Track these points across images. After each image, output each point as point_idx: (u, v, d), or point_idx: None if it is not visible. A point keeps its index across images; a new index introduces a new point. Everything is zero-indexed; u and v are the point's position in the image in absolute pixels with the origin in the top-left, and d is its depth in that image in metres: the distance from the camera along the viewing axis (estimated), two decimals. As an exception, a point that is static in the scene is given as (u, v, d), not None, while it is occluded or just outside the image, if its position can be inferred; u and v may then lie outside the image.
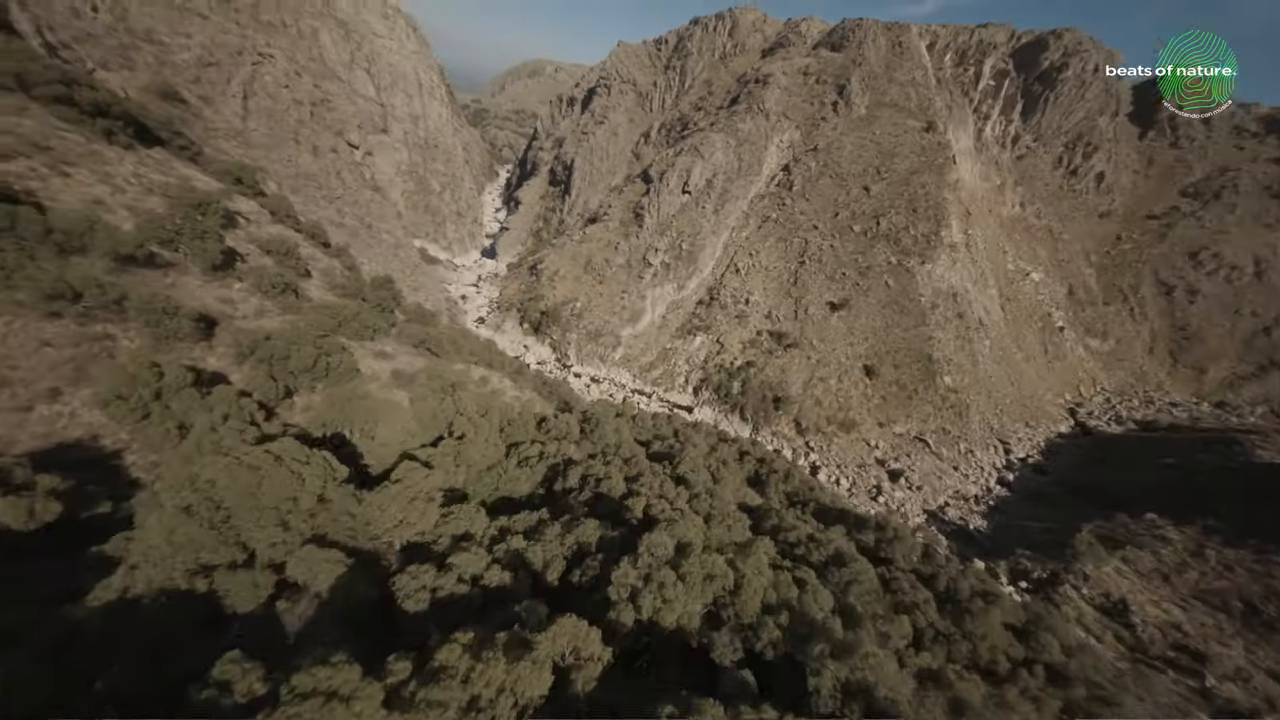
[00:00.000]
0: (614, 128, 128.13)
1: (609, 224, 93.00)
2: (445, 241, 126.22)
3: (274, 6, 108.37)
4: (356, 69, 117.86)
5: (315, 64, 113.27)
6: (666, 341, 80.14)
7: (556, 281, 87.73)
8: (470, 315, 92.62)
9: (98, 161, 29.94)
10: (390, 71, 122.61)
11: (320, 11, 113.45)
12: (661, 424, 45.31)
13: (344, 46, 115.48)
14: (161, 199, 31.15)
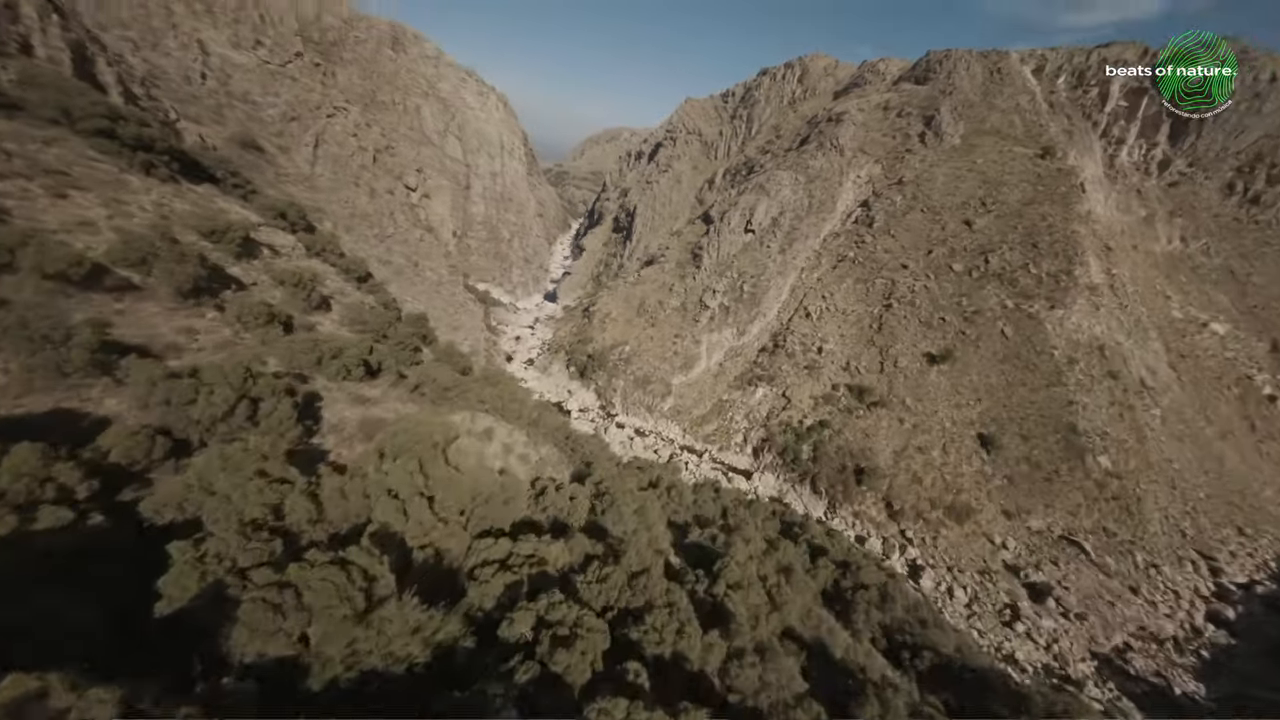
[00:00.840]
0: (678, 175, 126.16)
1: (665, 265, 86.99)
2: (510, 285, 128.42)
3: (389, 89, 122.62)
4: (449, 135, 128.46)
5: (414, 132, 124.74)
6: (723, 392, 69.63)
7: (607, 324, 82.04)
8: (521, 356, 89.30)
9: (117, 189, 28.69)
10: (477, 136, 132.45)
11: (426, 92, 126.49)
12: (707, 500, 34.61)
13: (441, 118, 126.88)
14: (165, 224, 29.03)
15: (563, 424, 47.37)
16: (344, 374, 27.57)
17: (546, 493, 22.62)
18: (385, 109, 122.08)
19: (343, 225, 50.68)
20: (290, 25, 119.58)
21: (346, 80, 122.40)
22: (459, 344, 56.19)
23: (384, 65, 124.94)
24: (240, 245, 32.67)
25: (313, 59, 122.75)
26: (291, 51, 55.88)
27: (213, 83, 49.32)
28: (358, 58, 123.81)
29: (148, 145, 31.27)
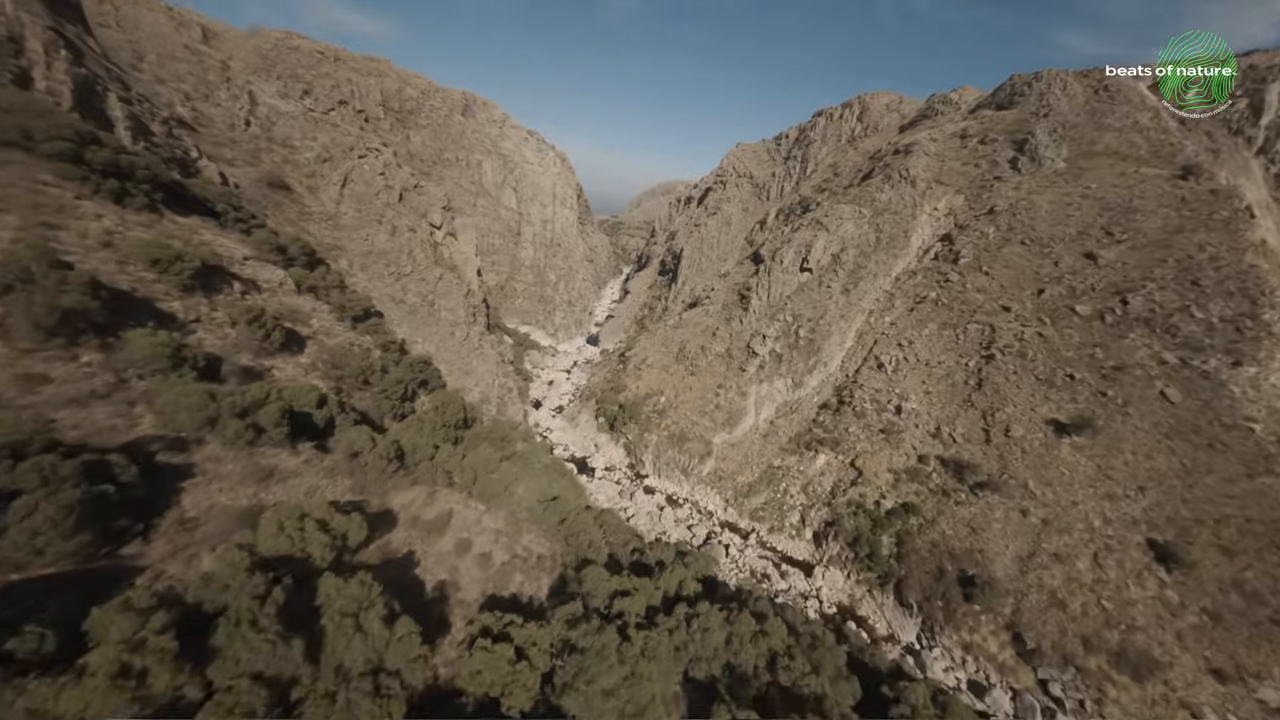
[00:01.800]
0: (727, 218, 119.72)
1: (709, 307, 77.99)
2: (553, 328, 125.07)
3: (454, 148, 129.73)
4: (506, 188, 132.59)
5: (474, 185, 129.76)
6: (774, 457, 57.19)
7: (642, 370, 73.36)
8: (551, 402, 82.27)
9: (55, 212, 25.12)
10: (532, 188, 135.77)
11: (489, 150, 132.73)
12: (744, 637, 23.11)
13: (500, 172, 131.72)
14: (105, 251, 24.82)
15: (573, 495, 37.75)
16: (248, 437, 20.31)
17: (478, 651, 13.19)
18: (450, 165, 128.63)
19: (359, 263, 47.45)
20: (375, 98, 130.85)
21: (419, 142, 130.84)
22: (468, 390, 49.59)
23: (453, 128, 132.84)
24: (192, 278, 28.24)
25: (389, 121, 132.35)
26: (335, 100, 57.11)
27: (256, 129, 49.72)
28: (431, 122, 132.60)
29: (124, 173, 28.54)
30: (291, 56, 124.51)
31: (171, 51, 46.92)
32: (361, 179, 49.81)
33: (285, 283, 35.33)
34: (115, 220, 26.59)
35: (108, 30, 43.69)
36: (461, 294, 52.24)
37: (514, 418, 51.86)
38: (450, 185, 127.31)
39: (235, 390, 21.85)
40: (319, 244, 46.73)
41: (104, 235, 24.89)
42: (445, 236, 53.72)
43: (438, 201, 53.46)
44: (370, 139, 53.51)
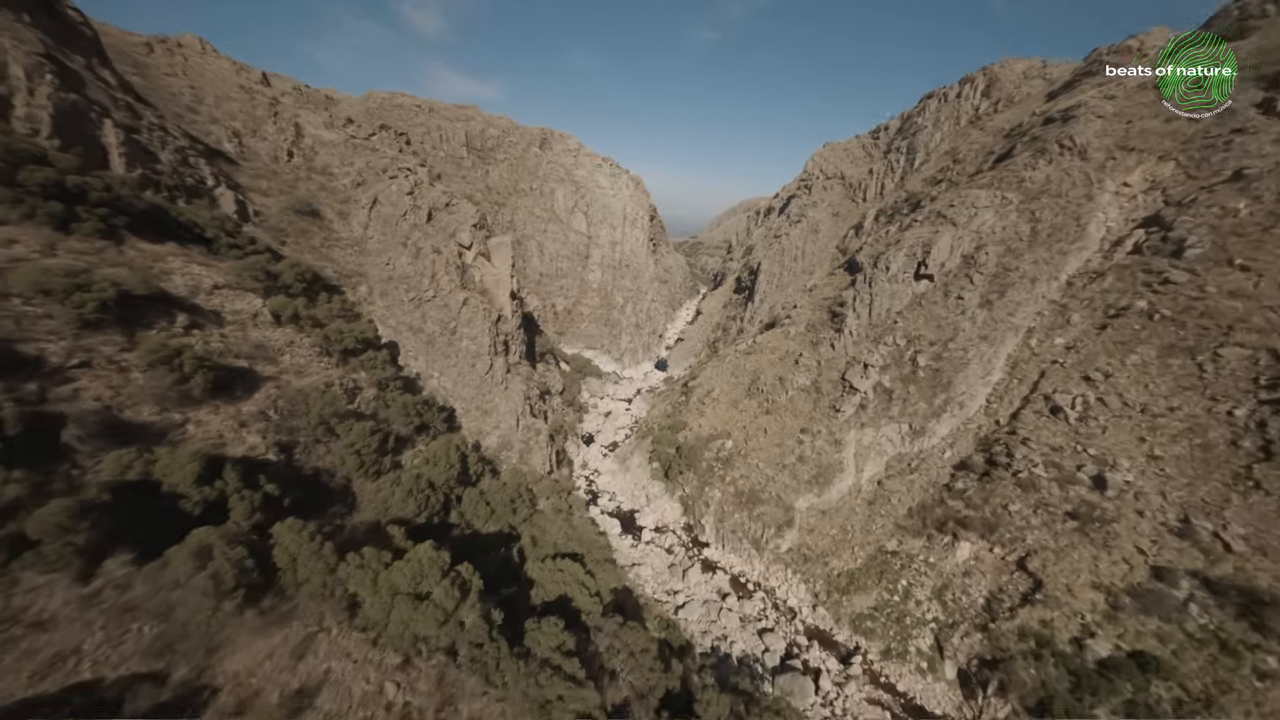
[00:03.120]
0: (813, 225, 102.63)
1: (790, 329, 62.71)
2: (618, 352, 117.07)
3: (529, 179, 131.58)
4: (576, 212, 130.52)
5: (546, 211, 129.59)
6: (886, 536, 40.19)
7: (706, 405, 60.27)
8: (605, 438, 72.35)
9: None
10: (602, 211, 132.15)
11: (562, 178, 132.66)
12: None
13: (572, 198, 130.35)
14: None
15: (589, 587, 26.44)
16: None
17: None
18: (524, 195, 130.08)
19: (378, 289, 42.69)
20: (460, 140, 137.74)
21: (497, 176, 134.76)
22: (486, 434, 41.31)
23: (529, 161, 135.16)
24: (99, 311, 23.15)
25: (471, 160, 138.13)
26: (376, 125, 55.96)
27: (298, 159, 48.67)
28: (509, 157, 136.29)
29: (72, 196, 25.10)
30: (395, 112, 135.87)
31: (228, 93, 47.88)
32: (389, 200, 45.73)
33: (260, 314, 29.89)
34: (29, 246, 22.37)
35: (174, 78, 45.60)
36: (488, 321, 44.99)
37: (537, 466, 42.53)
38: (524, 213, 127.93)
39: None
40: (340, 270, 42.70)
41: (40, 268, 20.28)
42: (476, 257, 47.44)
43: (468, 219, 47.60)
44: (406, 159, 50.42)
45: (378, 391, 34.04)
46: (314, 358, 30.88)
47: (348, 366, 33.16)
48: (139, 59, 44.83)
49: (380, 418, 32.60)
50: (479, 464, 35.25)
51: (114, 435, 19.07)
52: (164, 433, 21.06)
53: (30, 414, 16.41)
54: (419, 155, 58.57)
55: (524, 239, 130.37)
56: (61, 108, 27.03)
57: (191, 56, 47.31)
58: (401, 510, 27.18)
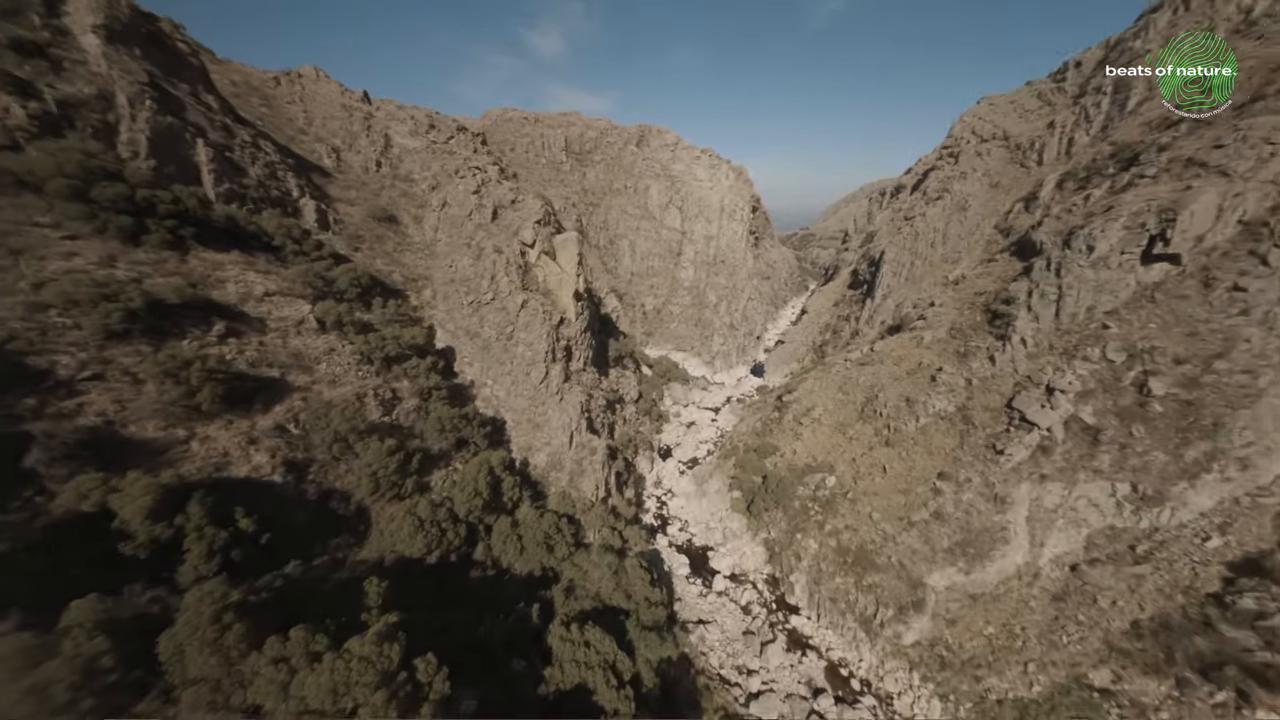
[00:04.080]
0: (960, 200, 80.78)
1: (925, 333, 47.61)
2: (709, 355, 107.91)
3: (624, 178, 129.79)
4: (671, 208, 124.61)
5: (640, 209, 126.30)
6: (1089, 662, 25.74)
7: (804, 426, 48.70)
8: (684, 452, 64.60)
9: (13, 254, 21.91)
10: (697, 204, 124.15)
11: (658, 174, 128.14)
12: None
13: (666, 193, 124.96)
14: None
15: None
16: None
17: None
18: (619, 194, 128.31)
19: (441, 293, 41.28)
20: (559, 145, 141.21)
21: (593, 177, 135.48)
22: (535, 450, 36.92)
23: (625, 159, 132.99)
24: (126, 320, 22.79)
25: (570, 164, 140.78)
26: (453, 127, 55.94)
27: (386, 169, 50.29)
28: (605, 158, 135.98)
29: (142, 209, 26.15)
30: (506, 126, 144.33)
31: (332, 113, 51.46)
32: (456, 201, 44.30)
33: (306, 320, 28.98)
34: (94, 257, 23.06)
35: (292, 104, 50.34)
36: (548, 324, 40.79)
37: (588, 492, 36.87)
38: (617, 212, 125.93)
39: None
40: (408, 274, 42.23)
41: (41, 276, 20.72)
42: (539, 256, 43.72)
43: (531, 215, 44.04)
44: (479, 158, 49.11)
45: (419, 402, 31.53)
46: (352, 366, 29.22)
47: (389, 375, 31.18)
48: (268, 91, 50.57)
49: (414, 432, 29.88)
50: (515, 488, 30.76)
51: (103, 455, 17.67)
52: (164, 450, 19.60)
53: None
54: (493, 154, 57.96)
55: (616, 239, 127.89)
56: (158, 130, 29.16)
57: (308, 84, 52.44)
58: (408, 548, 23.42)
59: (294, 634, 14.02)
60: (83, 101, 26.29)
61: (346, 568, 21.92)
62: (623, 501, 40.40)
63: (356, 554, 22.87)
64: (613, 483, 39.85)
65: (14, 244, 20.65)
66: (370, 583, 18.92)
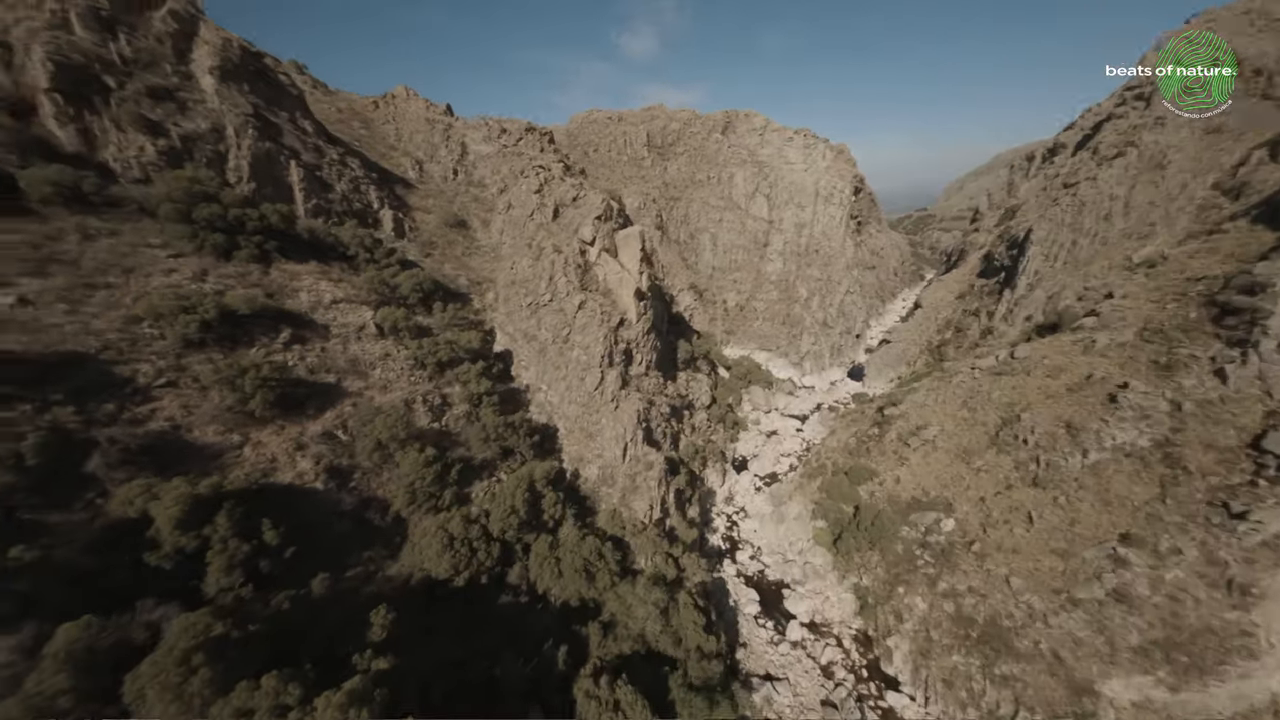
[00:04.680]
0: (1153, 155, 60.43)
1: (1099, 334, 34.96)
2: (797, 356, 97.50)
3: (707, 168, 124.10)
4: (758, 196, 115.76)
5: (723, 200, 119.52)
6: None
7: (913, 448, 39.24)
8: (761, 466, 57.64)
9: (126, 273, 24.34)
10: (788, 190, 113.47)
11: (744, 160, 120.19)
12: None
13: (753, 181, 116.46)
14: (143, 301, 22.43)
15: None
16: None
17: None
18: (700, 185, 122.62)
19: (503, 295, 40.81)
20: (641, 140, 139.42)
21: (675, 170, 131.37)
22: (586, 462, 34.45)
23: (709, 149, 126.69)
24: (202, 330, 24.36)
25: (651, 158, 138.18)
26: (522, 129, 55.57)
27: (462, 176, 51.82)
28: (688, 149, 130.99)
29: (233, 227, 28.53)
30: (591, 127, 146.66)
31: (418, 128, 54.52)
32: (519, 201, 43.63)
33: (367, 326, 29.80)
34: (188, 273, 25.47)
35: (386, 124, 54.48)
36: (605, 326, 38.09)
37: (639, 512, 33.10)
38: (699, 205, 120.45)
39: None
40: (473, 278, 42.61)
41: (141, 292, 23.07)
42: (600, 254, 41.17)
43: (591, 211, 41.58)
44: (546, 157, 48.09)
45: (469, 408, 30.83)
46: (405, 371, 29.34)
47: (441, 380, 30.93)
48: (368, 115, 55.52)
49: (460, 439, 29.11)
50: (558, 505, 28.38)
51: (161, 461, 18.70)
52: (219, 455, 20.47)
53: (59, 441, 16.34)
54: (560, 151, 57.02)
55: (697, 232, 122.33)
56: (258, 155, 32.31)
57: (399, 104, 56.66)
58: (435, 567, 22.13)
59: (265, 682, 12.78)
60: (200, 135, 29.98)
61: (375, 582, 21.22)
62: (683, 523, 36.16)
63: (389, 568, 22.18)
64: (671, 502, 35.83)
65: (128, 264, 23.55)
66: (377, 613, 17.69)
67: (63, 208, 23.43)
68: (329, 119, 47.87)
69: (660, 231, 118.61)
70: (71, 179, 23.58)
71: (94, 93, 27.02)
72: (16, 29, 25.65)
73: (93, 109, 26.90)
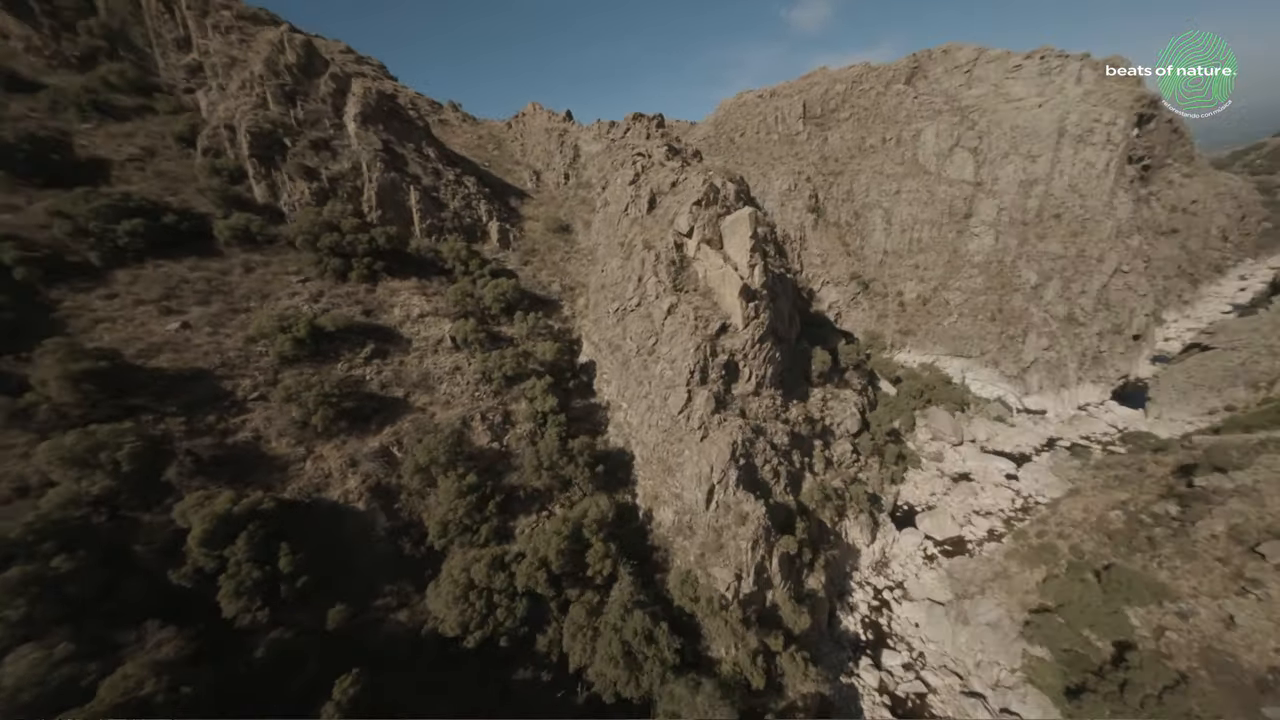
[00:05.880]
0: None
1: None
2: (1016, 366, 70.04)
3: (881, 129, 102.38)
4: (957, 152, 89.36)
5: (902, 165, 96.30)
6: None
7: (1269, 566, 20.09)
8: (939, 524, 40.63)
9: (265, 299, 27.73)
10: (1008, 137, 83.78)
11: (938, 110, 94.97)
12: None
13: (949, 135, 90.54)
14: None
15: None
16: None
17: None
18: (870, 153, 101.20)
19: (592, 300, 37.22)
20: (796, 113, 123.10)
21: (836, 140, 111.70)
22: (660, 503, 28.21)
23: (884, 107, 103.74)
24: (296, 347, 26.15)
25: (806, 132, 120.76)
26: (629, 119, 50.18)
27: (573, 180, 50.57)
28: (854, 112, 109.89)
29: (348, 252, 31.40)
30: (739, 111, 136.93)
31: (539, 139, 55.70)
32: (614, 196, 39.43)
33: (444, 340, 29.81)
34: (307, 295, 28.88)
35: (515, 141, 57.32)
36: (699, 334, 30.87)
37: (720, 582, 24.61)
38: (866, 177, 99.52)
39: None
40: (566, 284, 40.41)
41: (267, 313, 26.62)
42: (699, 246, 33.94)
43: (690, 196, 34.47)
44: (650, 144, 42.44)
45: (533, 427, 28.08)
46: (470, 386, 28.16)
47: (507, 395, 28.92)
48: (501, 136, 59.84)
49: (517, 463, 26.40)
50: (606, 560, 22.87)
51: (231, 471, 20.41)
52: (285, 467, 21.74)
53: (148, 450, 18.70)
54: (669, 135, 50.61)
55: (864, 210, 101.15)
56: (383, 184, 36.13)
57: (528, 120, 59.39)
58: (443, 620, 19.33)
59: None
60: (344, 174, 35.05)
61: (389, 624, 19.54)
62: (790, 604, 26.40)
63: (416, 603, 20.40)
64: (774, 571, 26.55)
65: (266, 290, 28.03)
66: (340, 684, 15.37)
67: (237, 247, 28.99)
68: (468, 145, 52.89)
69: (814, 214, 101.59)
70: (244, 223, 29.01)
71: (276, 152, 33.40)
72: (236, 113, 33.33)
73: (275, 166, 33.23)
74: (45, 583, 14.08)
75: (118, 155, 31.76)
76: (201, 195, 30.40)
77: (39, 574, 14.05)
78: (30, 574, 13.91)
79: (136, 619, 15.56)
